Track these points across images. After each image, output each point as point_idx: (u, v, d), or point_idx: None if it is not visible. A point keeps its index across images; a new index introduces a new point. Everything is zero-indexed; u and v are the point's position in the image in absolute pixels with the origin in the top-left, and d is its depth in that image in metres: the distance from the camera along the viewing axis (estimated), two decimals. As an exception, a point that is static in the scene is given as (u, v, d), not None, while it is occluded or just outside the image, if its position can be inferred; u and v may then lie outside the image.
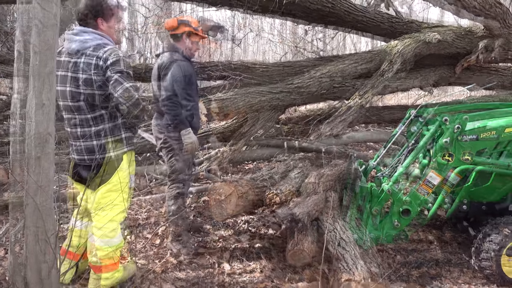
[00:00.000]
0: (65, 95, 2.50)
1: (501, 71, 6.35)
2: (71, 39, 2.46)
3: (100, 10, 2.50)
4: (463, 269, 3.30)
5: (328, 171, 4.23)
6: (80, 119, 2.52)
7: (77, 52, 2.44)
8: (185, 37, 3.39)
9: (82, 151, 2.57)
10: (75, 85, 2.45)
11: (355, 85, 5.54)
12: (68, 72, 2.47)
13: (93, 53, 2.42)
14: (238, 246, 3.48)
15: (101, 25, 2.52)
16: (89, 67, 2.41)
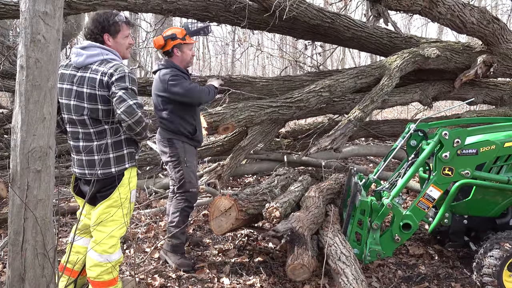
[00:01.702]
0: (70, 108, 2.51)
1: (499, 86, 6.39)
2: (78, 53, 2.48)
3: (107, 26, 2.52)
4: (465, 284, 3.28)
5: (328, 185, 4.23)
6: (83, 133, 2.53)
7: (83, 66, 2.47)
8: (176, 51, 3.43)
9: (83, 165, 2.57)
10: (79, 99, 2.47)
11: (355, 99, 5.57)
12: (74, 86, 2.49)
13: (98, 68, 2.44)
14: (238, 261, 3.45)
15: (107, 41, 2.55)
16: (94, 82, 2.43)
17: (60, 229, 3.90)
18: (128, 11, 6.13)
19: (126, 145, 2.59)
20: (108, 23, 2.52)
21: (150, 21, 10.56)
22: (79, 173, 2.60)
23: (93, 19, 2.53)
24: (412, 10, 5.10)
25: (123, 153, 2.58)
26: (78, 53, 2.48)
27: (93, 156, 2.53)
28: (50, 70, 2.02)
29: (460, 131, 3.01)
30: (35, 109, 1.99)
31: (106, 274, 2.57)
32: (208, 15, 5.61)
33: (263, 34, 13.49)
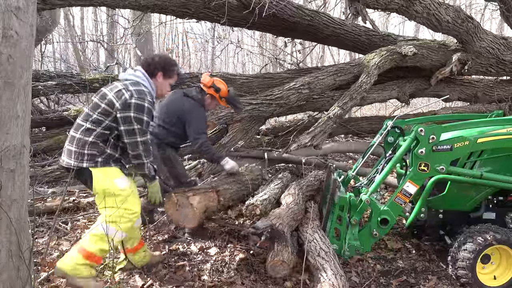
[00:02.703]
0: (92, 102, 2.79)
1: (473, 83, 6.56)
2: (128, 72, 2.86)
3: (167, 67, 2.89)
4: (441, 277, 3.36)
5: (307, 182, 4.27)
6: (78, 124, 2.74)
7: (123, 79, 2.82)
8: (208, 98, 3.92)
9: (65, 153, 2.77)
10: (101, 99, 2.73)
11: (334, 97, 5.64)
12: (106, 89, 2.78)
13: (128, 84, 2.75)
14: (219, 258, 3.45)
15: (159, 77, 2.89)
16: (114, 90, 2.73)
17: (36, 230, 3.81)
18: (105, 6, 6.03)
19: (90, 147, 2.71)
20: (169, 66, 2.91)
21: (128, 17, 10.38)
22: (66, 163, 2.76)
23: (161, 56, 2.94)
24: (389, 9, 5.19)
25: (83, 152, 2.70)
26: (128, 72, 2.87)
27: (71, 147, 2.72)
28: (23, 66, 1.97)
29: (435, 128, 3.08)
30: (8, 106, 1.94)
31: (93, 243, 2.71)
32: (187, 11, 5.57)
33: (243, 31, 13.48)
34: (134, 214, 2.82)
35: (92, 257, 2.75)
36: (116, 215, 2.72)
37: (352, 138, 8.04)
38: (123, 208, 2.74)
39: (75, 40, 13.67)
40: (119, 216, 2.73)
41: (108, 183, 2.72)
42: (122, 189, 2.74)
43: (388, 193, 5.08)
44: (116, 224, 2.74)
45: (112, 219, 2.72)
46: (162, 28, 16.25)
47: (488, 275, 3.15)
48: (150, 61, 2.85)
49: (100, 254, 2.78)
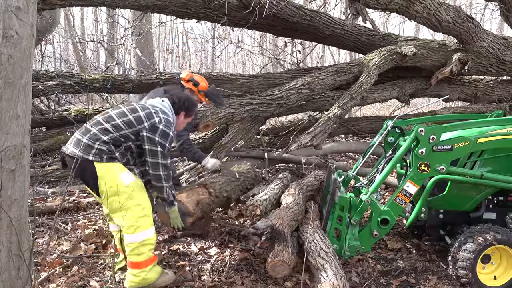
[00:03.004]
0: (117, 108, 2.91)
1: (474, 83, 6.56)
2: (156, 100, 3.04)
3: (188, 108, 3.14)
4: (441, 277, 3.36)
5: (308, 182, 4.27)
6: (98, 121, 2.78)
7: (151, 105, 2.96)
8: (188, 91, 3.90)
9: (71, 142, 2.77)
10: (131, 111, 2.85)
11: (334, 97, 5.63)
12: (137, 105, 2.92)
13: (158, 110, 2.91)
14: (219, 258, 3.45)
15: (181, 116, 3.13)
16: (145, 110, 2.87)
17: (36, 230, 3.81)
18: (105, 6, 6.02)
19: (101, 143, 2.71)
20: (192, 107, 3.18)
21: (128, 17, 10.38)
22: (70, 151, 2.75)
23: (186, 98, 3.16)
24: (389, 9, 5.18)
25: (93, 146, 2.70)
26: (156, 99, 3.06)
27: (83, 139, 2.71)
28: (23, 66, 1.97)
29: (436, 128, 3.08)
30: (8, 107, 1.94)
31: (134, 255, 2.76)
32: (188, 11, 5.57)
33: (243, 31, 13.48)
34: (146, 207, 2.83)
35: (147, 262, 2.82)
36: (133, 218, 2.74)
37: (352, 138, 8.04)
38: (132, 205, 2.75)
39: (75, 40, 13.68)
40: (134, 219, 2.74)
41: (112, 179, 2.71)
42: (127, 185, 2.74)
43: (389, 193, 5.08)
44: (134, 227, 2.75)
45: (129, 223, 2.74)
46: (162, 28, 16.28)
47: (489, 275, 3.15)
48: (177, 100, 3.07)
49: (150, 255, 2.84)
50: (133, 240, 2.76)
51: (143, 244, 2.78)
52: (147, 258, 2.81)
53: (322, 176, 4.54)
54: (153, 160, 2.83)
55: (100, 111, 6.08)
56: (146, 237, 2.79)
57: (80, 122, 5.82)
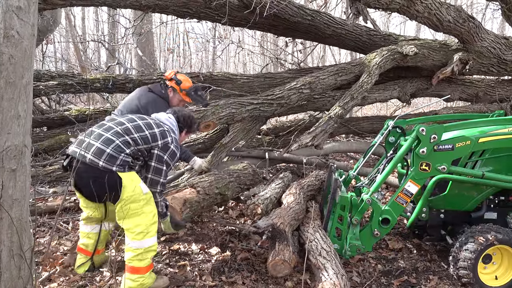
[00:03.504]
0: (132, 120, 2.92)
1: (475, 83, 6.55)
2: (163, 115, 3.16)
3: (189, 126, 3.28)
4: (442, 277, 3.35)
5: (309, 181, 4.27)
6: (117, 132, 2.78)
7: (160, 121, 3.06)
8: (170, 91, 3.97)
9: (90, 149, 2.69)
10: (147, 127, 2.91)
11: (335, 96, 5.63)
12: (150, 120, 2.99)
13: (169, 129, 3.01)
14: (220, 258, 3.45)
15: (183, 133, 3.27)
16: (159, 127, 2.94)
17: (38, 230, 3.81)
18: (106, 6, 6.03)
19: (125, 155, 2.74)
20: (193, 125, 3.32)
21: (129, 17, 10.39)
22: (72, 151, 2.75)
23: (189, 115, 3.29)
24: (390, 8, 5.18)
25: (118, 157, 2.70)
26: (163, 115, 3.17)
27: (107, 148, 2.69)
28: (24, 66, 1.97)
29: (437, 127, 3.08)
30: (9, 106, 1.94)
31: (137, 260, 2.76)
32: (188, 11, 5.57)
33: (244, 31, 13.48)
34: (156, 215, 2.88)
35: (147, 268, 2.83)
36: (145, 225, 2.77)
37: (353, 138, 8.03)
38: (148, 212, 2.79)
39: (76, 40, 13.68)
40: (146, 225, 2.77)
41: (134, 186, 2.74)
42: (145, 193, 2.79)
43: (389, 193, 5.07)
44: (144, 233, 2.77)
45: (140, 229, 2.75)
46: (163, 28, 16.28)
47: (490, 275, 3.15)
48: (182, 119, 3.22)
49: (150, 262, 2.86)
50: (140, 246, 2.76)
51: (148, 251, 2.80)
52: (148, 264, 2.83)
53: (323, 176, 4.54)
54: (155, 177, 2.89)
55: (101, 111, 6.09)
56: (152, 244, 2.82)
57: (81, 122, 5.82)
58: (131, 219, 2.74)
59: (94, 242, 3.14)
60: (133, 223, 2.74)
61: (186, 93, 3.98)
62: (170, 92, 3.96)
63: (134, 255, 2.76)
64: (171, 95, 3.97)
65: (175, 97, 4.00)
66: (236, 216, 4.37)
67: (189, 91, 3.97)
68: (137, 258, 2.76)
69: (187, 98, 4.03)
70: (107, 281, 3.02)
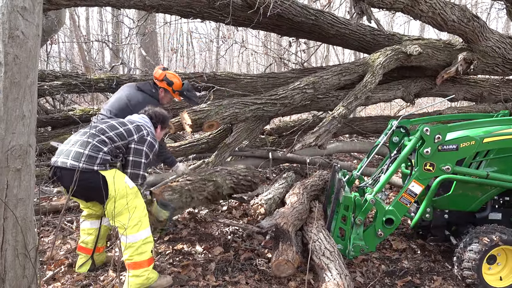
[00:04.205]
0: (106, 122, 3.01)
1: (479, 83, 6.52)
2: (135, 116, 3.22)
3: (162, 121, 3.33)
4: (446, 278, 3.34)
5: (312, 181, 4.26)
6: (93, 134, 2.85)
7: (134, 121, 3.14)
8: (161, 91, 3.97)
9: (69, 155, 2.77)
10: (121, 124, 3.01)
11: (339, 96, 5.62)
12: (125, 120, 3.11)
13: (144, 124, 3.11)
14: (223, 258, 3.45)
15: (158, 129, 3.31)
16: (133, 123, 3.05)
17: (42, 229, 3.83)
18: (110, 6, 6.04)
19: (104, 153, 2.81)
20: (166, 120, 3.37)
21: (133, 17, 10.41)
22: (61, 162, 2.79)
23: (161, 112, 3.34)
24: (394, 8, 5.16)
25: (97, 156, 2.78)
26: (135, 116, 3.22)
27: (84, 151, 2.76)
28: (29, 66, 1.98)
29: (441, 127, 3.07)
30: (14, 106, 1.95)
31: (137, 255, 2.79)
32: (192, 11, 5.58)
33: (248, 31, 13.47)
34: (145, 207, 2.93)
35: (149, 261, 2.86)
36: (138, 217, 2.82)
37: (356, 138, 8.02)
38: (139, 205, 2.84)
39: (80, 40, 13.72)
40: (139, 218, 2.82)
41: (120, 182, 2.80)
42: (132, 188, 2.85)
43: (393, 193, 5.06)
44: (138, 225, 2.81)
45: (134, 222, 2.79)
46: (167, 28, 16.32)
47: (494, 276, 3.13)
48: (153, 115, 3.27)
49: (151, 255, 2.88)
50: (137, 239, 2.80)
51: (146, 243, 2.83)
52: (149, 257, 2.85)
53: (326, 176, 4.53)
54: (135, 171, 2.96)
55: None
56: (148, 235, 2.86)
57: (85, 121, 5.82)
58: (123, 216, 2.77)
59: (94, 238, 3.18)
60: (126, 218, 2.77)
61: (179, 93, 4.00)
62: (162, 92, 3.97)
63: (133, 250, 2.78)
64: (162, 95, 3.98)
65: (166, 97, 4.02)
66: (240, 216, 4.37)
67: (182, 91, 3.99)
68: (137, 253, 2.79)
69: (180, 98, 4.06)
70: (111, 280, 3.03)
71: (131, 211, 2.77)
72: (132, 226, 2.78)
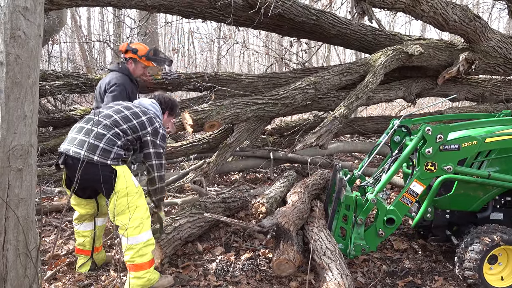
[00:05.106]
0: (119, 111, 2.91)
1: (481, 83, 6.51)
2: (147, 100, 3.17)
3: (171, 108, 3.32)
4: (448, 278, 3.34)
5: (313, 180, 4.26)
6: (106, 125, 2.80)
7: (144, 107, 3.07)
8: (130, 62, 3.92)
9: (83, 145, 2.71)
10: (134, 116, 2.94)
11: (340, 96, 5.62)
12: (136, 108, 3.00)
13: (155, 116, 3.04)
14: (224, 258, 3.45)
15: (165, 115, 3.30)
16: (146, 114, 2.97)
17: (43, 229, 3.84)
18: (111, 6, 6.05)
19: (118, 148, 2.79)
20: (175, 107, 3.36)
21: (134, 17, 10.42)
22: (74, 152, 2.74)
23: (172, 100, 3.35)
24: (396, 8, 5.16)
25: (111, 150, 2.75)
26: (147, 100, 3.18)
27: (100, 143, 2.73)
28: (31, 66, 1.99)
29: (443, 127, 3.06)
30: (15, 106, 1.95)
31: (138, 256, 2.78)
32: (193, 11, 5.58)
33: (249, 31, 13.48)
34: (148, 209, 2.92)
35: (150, 262, 2.85)
36: (140, 218, 2.80)
37: (358, 138, 8.01)
38: (141, 205, 2.83)
39: (81, 40, 13.75)
40: (140, 219, 2.81)
41: (127, 180, 2.78)
42: (137, 187, 2.84)
43: (394, 193, 5.05)
44: (140, 227, 2.79)
45: (136, 224, 2.78)
46: (168, 28, 16.32)
47: (495, 275, 3.12)
48: (163, 101, 3.25)
49: (152, 256, 2.87)
50: (138, 241, 2.78)
51: (147, 245, 2.81)
52: (150, 258, 2.84)
53: (327, 175, 4.54)
54: (158, 161, 2.95)
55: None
56: (149, 237, 2.84)
57: (86, 121, 5.85)
58: (125, 215, 2.75)
59: (91, 239, 3.16)
60: (127, 218, 2.75)
61: (146, 58, 3.91)
62: (131, 64, 3.89)
63: (134, 251, 2.77)
64: (132, 66, 3.90)
65: (137, 67, 3.93)
66: (241, 215, 4.37)
67: (148, 55, 3.91)
68: (138, 255, 2.77)
69: (149, 62, 3.96)
70: (112, 280, 3.03)
71: (131, 211, 2.75)
72: (133, 227, 2.76)
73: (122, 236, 2.79)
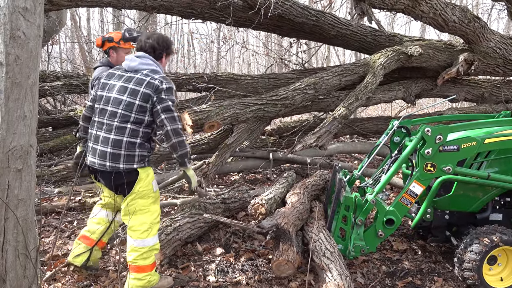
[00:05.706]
0: (109, 100, 2.74)
1: (480, 83, 6.52)
2: (132, 59, 2.84)
3: (168, 48, 3.00)
4: (447, 279, 3.34)
5: (313, 181, 4.26)
6: (119, 127, 2.70)
7: (135, 70, 2.81)
8: (112, 52, 3.77)
9: (106, 157, 2.69)
10: (120, 93, 2.73)
11: (339, 97, 5.62)
12: (120, 82, 2.77)
13: (150, 73, 2.77)
14: (224, 258, 3.45)
15: (164, 58, 2.99)
16: (142, 82, 2.73)
17: (43, 229, 3.83)
18: (111, 7, 6.05)
19: (139, 148, 2.74)
20: (169, 47, 3.01)
21: (134, 18, 10.43)
22: (99, 164, 2.73)
23: (159, 37, 2.96)
24: (395, 9, 5.16)
25: (134, 154, 2.72)
26: (132, 59, 2.85)
27: (120, 150, 2.68)
28: (30, 67, 1.99)
29: (442, 128, 3.06)
30: (15, 107, 1.95)
31: (141, 259, 2.77)
32: (193, 12, 5.58)
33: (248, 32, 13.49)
34: (159, 215, 2.91)
35: (152, 265, 2.85)
36: (150, 223, 2.80)
37: (357, 139, 8.01)
38: (154, 210, 2.83)
39: (81, 40, 13.74)
40: (150, 223, 2.80)
41: (147, 182, 2.78)
42: (155, 191, 2.84)
43: (394, 194, 5.06)
44: (148, 232, 2.79)
45: (145, 228, 2.77)
46: (168, 28, 16.30)
47: (495, 276, 3.13)
48: (156, 45, 2.90)
49: (154, 259, 2.87)
50: (144, 245, 2.78)
51: (152, 249, 2.82)
52: (152, 262, 2.85)
53: (327, 176, 4.54)
54: (174, 126, 2.70)
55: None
56: (155, 242, 2.85)
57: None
58: (137, 216, 2.75)
59: (103, 230, 3.09)
60: (139, 221, 2.75)
61: (124, 40, 3.78)
62: (113, 53, 3.74)
63: (139, 254, 2.77)
64: (114, 56, 3.76)
65: (119, 54, 3.79)
66: (240, 216, 4.37)
67: (125, 37, 3.78)
68: (142, 257, 2.77)
69: (129, 44, 3.82)
70: (112, 281, 3.03)
71: (143, 214, 2.76)
72: (142, 231, 2.76)
73: (128, 236, 2.80)
